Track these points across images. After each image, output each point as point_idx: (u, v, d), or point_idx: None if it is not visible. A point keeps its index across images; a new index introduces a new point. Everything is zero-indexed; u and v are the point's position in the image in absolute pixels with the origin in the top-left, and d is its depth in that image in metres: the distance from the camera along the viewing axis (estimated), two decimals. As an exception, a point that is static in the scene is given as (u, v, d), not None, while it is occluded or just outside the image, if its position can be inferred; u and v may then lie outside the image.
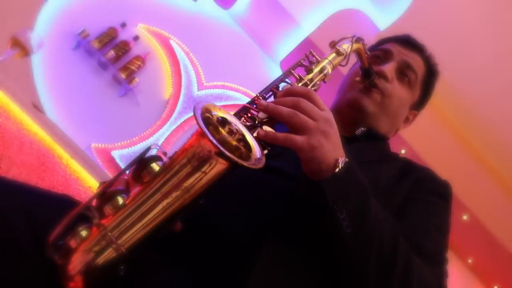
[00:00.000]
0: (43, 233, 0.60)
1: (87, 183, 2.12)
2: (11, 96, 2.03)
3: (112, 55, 2.51)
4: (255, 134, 0.63)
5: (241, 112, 0.70)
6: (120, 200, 0.57)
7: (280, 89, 0.76)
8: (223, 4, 2.92)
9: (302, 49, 2.81)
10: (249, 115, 0.70)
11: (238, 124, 0.61)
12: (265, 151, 0.64)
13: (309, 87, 0.78)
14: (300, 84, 0.77)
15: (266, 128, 0.66)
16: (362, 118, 0.97)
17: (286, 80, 0.80)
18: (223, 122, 0.60)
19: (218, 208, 0.71)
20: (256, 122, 0.67)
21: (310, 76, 0.79)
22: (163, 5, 2.81)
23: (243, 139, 0.60)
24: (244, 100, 2.92)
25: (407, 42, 1.07)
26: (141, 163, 0.58)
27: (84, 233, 0.55)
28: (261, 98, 0.73)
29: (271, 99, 0.76)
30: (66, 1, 2.49)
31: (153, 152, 0.59)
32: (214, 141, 0.52)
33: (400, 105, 1.02)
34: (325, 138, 0.63)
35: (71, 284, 0.55)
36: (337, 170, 0.63)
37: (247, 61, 3.02)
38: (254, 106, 0.70)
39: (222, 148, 0.52)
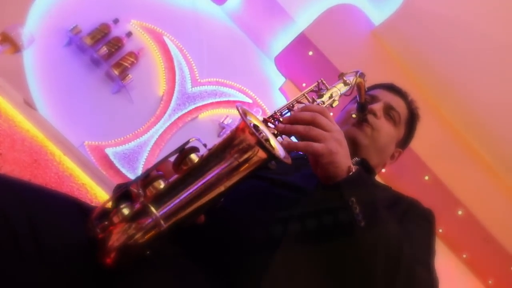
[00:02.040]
0: (44, 232, 0.60)
1: (81, 180, 2.10)
2: (2, 93, 2.00)
3: (105, 51, 2.48)
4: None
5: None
6: (162, 183, 0.62)
7: (295, 108, 0.86)
8: (216, 0, 2.91)
9: (297, 45, 2.81)
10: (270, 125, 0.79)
11: (266, 131, 0.69)
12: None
13: None
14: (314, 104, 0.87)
15: (287, 138, 0.75)
16: (355, 149, 1.07)
17: (300, 101, 0.90)
18: (254, 128, 0.66)
19: (236, 209, 0.78)
20: (276, 133, 0.75)
21: (321, 99, 0.90)
22: (156, 1, 2.79)
23: (267, 141, 0.66)
24: (238, 96, 2.91)
25: (392, 89, 1.22)
26: (182, 153, 0.63)
27: (126, 210, 0.59)
28: (278, 114, 0.82)
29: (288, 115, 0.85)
30: (57, -3, 2.46)
31: (193, 144, 0.64)
32: (256, 134, 0.58)
33: (388, 140, 1.15)
34: (340, 145, 0.72)
35: (108, 259, 0.57)
36: (351, 173, 0.71)
37: (241, 57, 3.01)
38: (273, 120, 0.80)
39: (262, 140, 0.59)
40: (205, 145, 0.64)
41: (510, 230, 3.01)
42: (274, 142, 0.68)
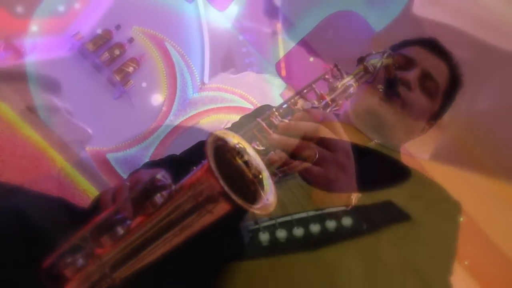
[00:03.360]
0: (36, 236, 0.59)
1: (82, 186, 2.10)
2: (4, 99, 2.01)
3: (107, 57, 2.49)
4: (267, 159, 0.59)
5: (254, 129, 0.65)
6: (120, 231, 0.54)
7: (298, 105, 0.70)
8: (218, 6, 2.92)
9: (298, 51, 2.81)
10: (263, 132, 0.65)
11: (256, 158, 0.56)
12: (276, 178, 0.60)
13: (328, 110, 0.73)
14: (321, 104, 0.72)
15: (279, 152, 0.61)
16: (379, 126, 0.93)
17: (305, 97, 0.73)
18: (240, 152, 0.55)
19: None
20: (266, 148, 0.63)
21: (332, 96, 0.74)
22: (157, 7, 2.80)
23: (259, 175, 0.55)
24: (239, 102, 2.91)
25: (433, 47, 1.00)
26: (145, 192, 0.54)
27: (79, 262, 0.53)
28: (277, 114, 0.68)
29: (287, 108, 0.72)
30: (60, 3, 2.47)
31: (158, 182, 0.55)
32: (225, 187, 0.48)
33: (420, 116, 0.98)
34: (342, 171, 0.61)
35: None
36: (349, 207, 0.62)
37: (242, 63, 3.02)
38: (269, 124, 0.66)
39: (232, 194, 0.48)
40: (170, 185, 0.54)
41: (512, 236, 2.99)
42: (266, 176, 0.54)
